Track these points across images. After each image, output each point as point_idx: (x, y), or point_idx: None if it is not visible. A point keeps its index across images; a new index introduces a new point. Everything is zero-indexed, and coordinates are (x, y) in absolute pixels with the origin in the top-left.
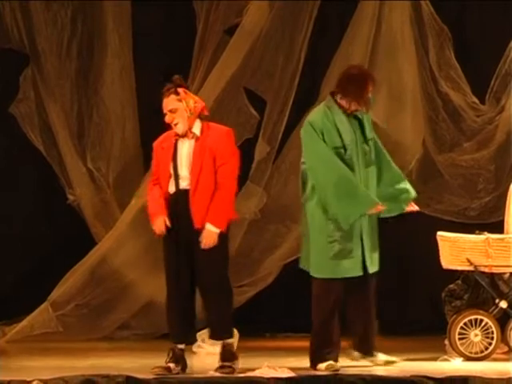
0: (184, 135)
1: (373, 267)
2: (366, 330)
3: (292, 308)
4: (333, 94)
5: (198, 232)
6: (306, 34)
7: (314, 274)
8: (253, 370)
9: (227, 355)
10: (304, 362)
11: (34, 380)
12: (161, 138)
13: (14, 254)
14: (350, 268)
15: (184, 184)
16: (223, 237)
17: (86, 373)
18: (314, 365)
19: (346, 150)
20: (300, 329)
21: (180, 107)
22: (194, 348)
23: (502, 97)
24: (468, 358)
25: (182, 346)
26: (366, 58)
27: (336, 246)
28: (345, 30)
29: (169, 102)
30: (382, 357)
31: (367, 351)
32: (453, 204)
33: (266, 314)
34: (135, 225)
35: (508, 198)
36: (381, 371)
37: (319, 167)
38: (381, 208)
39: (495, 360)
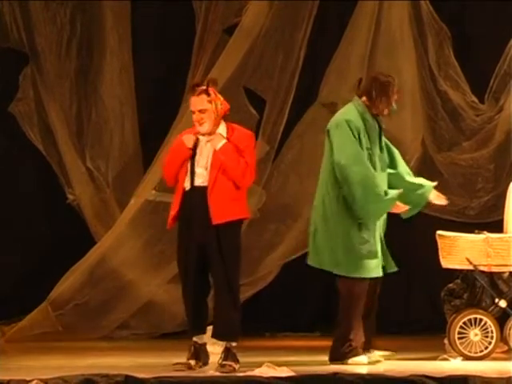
0: (207, 134)
1: (390, 267)
2: (366, 326)
3: (292, 307)
4: (360, 96)
5: (213, 228)
6: (305, 33)
7: (346, 273)
8: (252, 369)
9: (229, 356)
10: (304, 360)
11: (33, 379)
12: (186, 132)
13: (13, 254)
14: (377, 267)
15: (199, 181)
16: (236, 239)
17: (85, 372)
18: (338, 360)
19: (371, 151)
20: (299, 328)
21: (209, 108)
22: None
23: (502, 96)
24: (467, 358)
25: (202, 341)
26: (366, 56)
27: (367, 246)
28: (344, 29)
29: (199, 102)
30: (377, 353)
31: (365, 347)
32: (452, 203)
33: (265, 314)
34: (135, 224)
35: (507, 197)
36: (380, 370)
37: (351, 165)
38: (404, 208)
39: (495, 359)
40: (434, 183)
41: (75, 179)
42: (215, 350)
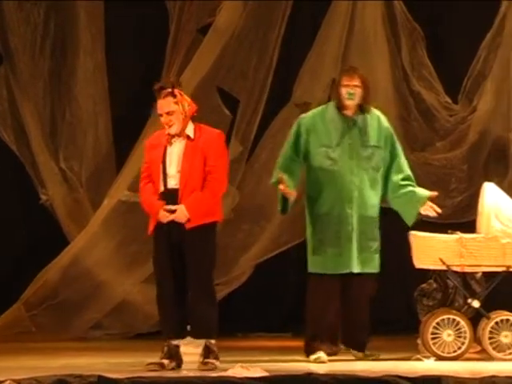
0: (176, 136)
1: (361, 267)
2: (351, 325)
3: (264, 308)
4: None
5: (188, 230)
6: (279, 33)
7: (308, 269)
8: (226, 369)
9: (210, 353)
10: (277, 360)
11: (6, 380)
12: (153, 136)
13: None
14: (340, 265)
15: (172, 183)
16: (212, 240)
17: (58, 373)
18: (307, 355)
19: (331, 148)
20: (272, 328)
21: (176, 110)
22: None
23: (475, 97)
24: (441, 358)
25: (176, 342)
26: (339, 56)
27: (326, 244)
28: (318, 29)
29: (166, 104)
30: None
31: (353, 346)
32: None
33: (238, 314)
34: (108, 224)
35: (480, 197)
36: (354, 371)
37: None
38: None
39: (468, 359)
40: (429, 194)
41: (48, 179)
42: (188, 350)
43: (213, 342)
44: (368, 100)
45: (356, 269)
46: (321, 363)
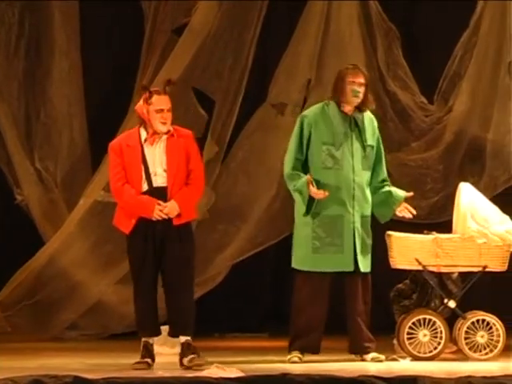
0: (161, 134)
1: (364, 267)
2: (352, 328)
3: (240, 308)
4: None
5: (174, 228)
6: (254, 33)
7: (294, 265)
8: (201, 369)
9: (193, 350)
10: (253, 361)
11: None
12: (122, 137)
13: None
14: (341, 264)
15: (159, 182)
16: (193, 238)
17: (34, 373)
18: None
19: (333, 146)
20: (248, 329)
21: (170, 107)
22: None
23: (451, 97)
24: (417, 358)
25: (152, 341)
26: (315, 56)
27: (316, 242)
28: (293, 29)
29: (167, 101)
30: (371, 354)
31: (355, 351)
32: None
33: (214, 314)
34: (83, 225)
35: (456, 197)
36: (330, 371)
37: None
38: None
39: (444, 360)
40: (405, 195)
41: (23, 180)
42: (164, 350)
43: (190, 338)
44: (368, 99)
45: (361, 268)
46: (294, 363)
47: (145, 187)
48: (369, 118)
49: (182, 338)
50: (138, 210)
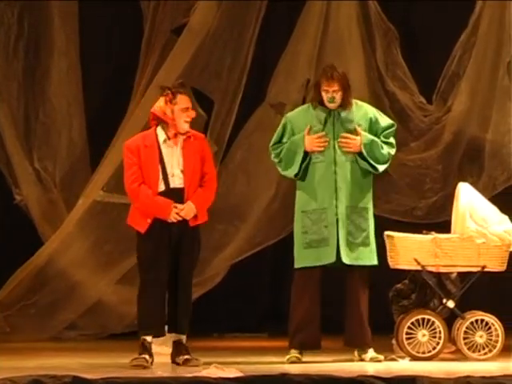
0: (181, 134)
1: (350, 259)
2: (350, 323)
3: (239, 308)
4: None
5: (189, 229)
6: (253, 33)
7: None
8: (200, 370)
9: (186, 349)
10: (252, 361)
11: None
12: (139, 137)
13: None
14: (315, 257)
15: (177, 183)
16: (200, 240)
17: (33, 373)
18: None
19: None
20: (247, 329)
21: None
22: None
23: (449, 97)
24: (415, 358)
25: (150, 339)
26: (314, 56)
27: (306, 236)
28: (292, 29)
29: (189, 99)
30: (370, 353)
31: (353, 345)
32: (400, 204)
33: (213, 314)
34: (82, 225)
35: (455, 197)
36: (328, 371)
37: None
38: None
39: (443, 360)
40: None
41: (22, 180)
42: (162, 350)
43: (184, 338)
44: (349, 99)
45: (344, 260)
46: (292, 363)
47: (161, 188)
48: (362, 111)
49: (178, 337)
50: (154, 211)
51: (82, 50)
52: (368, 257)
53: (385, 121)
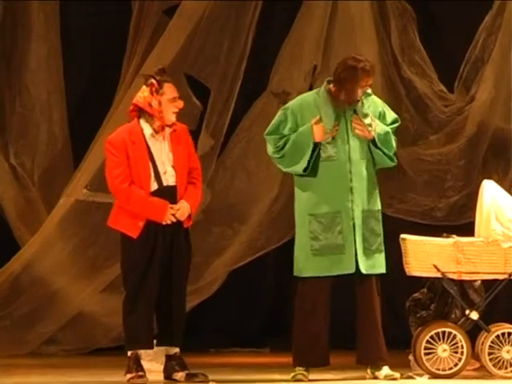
0: (167, 126)
1: (366, 267)
2: (364, 338)
3: (238, 320)
4: (329, 81)
5: (182, 230)
6: (254, 14)
7: (294, 272)
8: None
9: (185, 363)
10: (253, 380)
11: None
12: (123, 132)
13: None
14: (328, 266)
15: (170, 180)
16: (190, 242)
17: None
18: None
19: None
20: (248, 343)
21: None
22: None
23: (473, 85)
24: (435, 376)
25: (140, 354)
26: (321, 40)
27: (315, 243)
28: (297, 11)
29: (176, 89)
30: (384, 370)
31: (367, 362)
32: (417, 204)
33: (209, 327)
34: (64, 227)
35: (479, 196)
36: None
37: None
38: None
39: (465, 378)
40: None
41: None
42: (153, 367)
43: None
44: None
45: (362, 269)
46: (298, 381)
47: (154, 187)
48: (372, 102)
49: (172, 350)
50: (147, 214)
51: (62, 34)
52: (382, 264)
53: (390, 116)
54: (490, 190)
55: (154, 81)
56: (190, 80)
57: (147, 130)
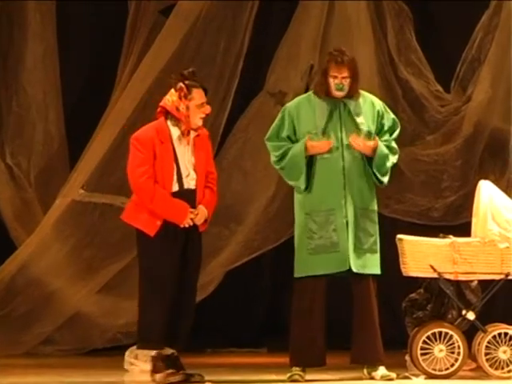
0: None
1: (356, 266)
2: (360, 338)
3: (235, 320)
4: None
5: (197, 232)
6: (250, 14)
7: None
8: None
9: (181, 363)
10: (250, 380)
11: None
12: (151, 130)
13: None
14: (323, 264)
15: (191, 183)
16: (202, 247)
17: None
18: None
19: (315, 134)
20: (244, 344)
21: None
22: (126, 365)
23: (469, 85)
24: (431, 376)
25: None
26: (318, 40)
27: (311, 242)
28: (294, 10)
29: (204, 94)
30: (381, 371)
31: (363, 362)
32: (414, 204)
33: (206, 327)
34: (60, 227)
35: (476, 196)
36: None
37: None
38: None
39: (462, 378)
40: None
41: None
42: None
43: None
44: (357, 88)
45: (353, 267)
46: (294, 382)
47: (175, 188)
48: (369, 102)
49: (169, 350)
50: (168, 215)
51: (59, 33)
52: (375, 265)
53: (389, 119)
54: (486, 190)
55: (183, 85)
56: None
57: (175, 132)
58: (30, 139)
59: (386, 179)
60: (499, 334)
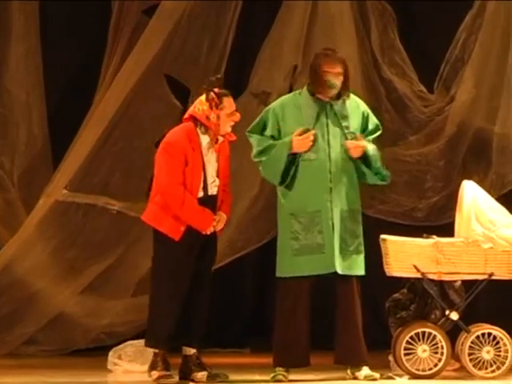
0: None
1: (342, 268)
2: (344, 338)
3: (219, 321)
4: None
5: (214, 238)
6: (234, 14)
7: (277, 273)
8: None
9: (204, 363)
10: (233, 380)
11: None
12: (184, 138)
13: None
14: (308, 266)
15: (214, 190)
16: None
17: None
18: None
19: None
20: (228, 344)
21: None
22: (109, 366)
23: (453, 85)
24: (415, 376)
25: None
26: (301, 40)
27: (295, 243)
28: (277, 10)
29: (233, 102)
30: (364, 371)
31: (347, 362)
32: (398, 204)
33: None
34: (43, 227)
35: (459, 197)
36: None
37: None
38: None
39: (445, 378)
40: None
41: None
42: (133, 367)
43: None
44: (348, 87)
45: (338, 269)
46: (278, 382)
47: (200, 194)
48: (354, 104)
49: (189, 351)
50: (194, 221)
51: (42, 33)
52: (360, 266)
53: (373, 122)
54: (470, 190)
55: (213, 95)
56: (169, 80)
57: (204, 139)
58: (14, 139)
59: (386, 172)
60: (483, 334)
